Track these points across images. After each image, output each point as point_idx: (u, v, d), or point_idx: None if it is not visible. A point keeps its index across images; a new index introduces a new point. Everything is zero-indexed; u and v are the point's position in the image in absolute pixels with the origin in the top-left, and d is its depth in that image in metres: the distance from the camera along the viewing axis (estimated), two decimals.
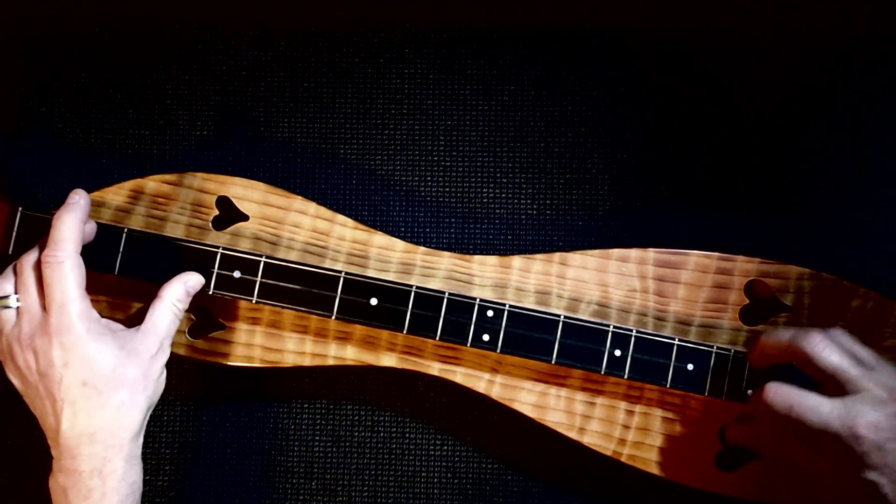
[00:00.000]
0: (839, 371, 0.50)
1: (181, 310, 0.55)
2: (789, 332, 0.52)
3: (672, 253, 0.60)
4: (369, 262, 0.60)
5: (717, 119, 0.65)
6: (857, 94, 0.65)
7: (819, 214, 0.65)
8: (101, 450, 0.50)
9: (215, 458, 0.65)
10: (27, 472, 0.65)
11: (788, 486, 0.58)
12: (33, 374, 0.51)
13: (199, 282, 0.56)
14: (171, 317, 0.54)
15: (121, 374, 0.51)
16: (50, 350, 0.50)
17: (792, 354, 0.52)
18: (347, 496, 0.65)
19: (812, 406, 0.49)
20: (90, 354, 0.50)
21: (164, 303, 0.54)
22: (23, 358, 0.51)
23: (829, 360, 0.50)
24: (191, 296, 0.56)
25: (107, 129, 0.66)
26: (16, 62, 0.66)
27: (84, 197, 0.54)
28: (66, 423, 0.50)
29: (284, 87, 0.66)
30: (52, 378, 0.50)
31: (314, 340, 0.60)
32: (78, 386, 0.50)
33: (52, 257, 0.51)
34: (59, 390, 0.50)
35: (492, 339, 0.57)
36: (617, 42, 0.66)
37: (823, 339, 0.50)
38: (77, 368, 0.50)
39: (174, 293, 0.54)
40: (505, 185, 0.66)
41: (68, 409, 0.50)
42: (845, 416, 0.48)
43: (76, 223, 0.53)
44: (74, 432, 0.50)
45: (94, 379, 0.50)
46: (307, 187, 0.66)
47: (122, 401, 0.51)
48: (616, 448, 0.60)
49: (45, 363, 0.50)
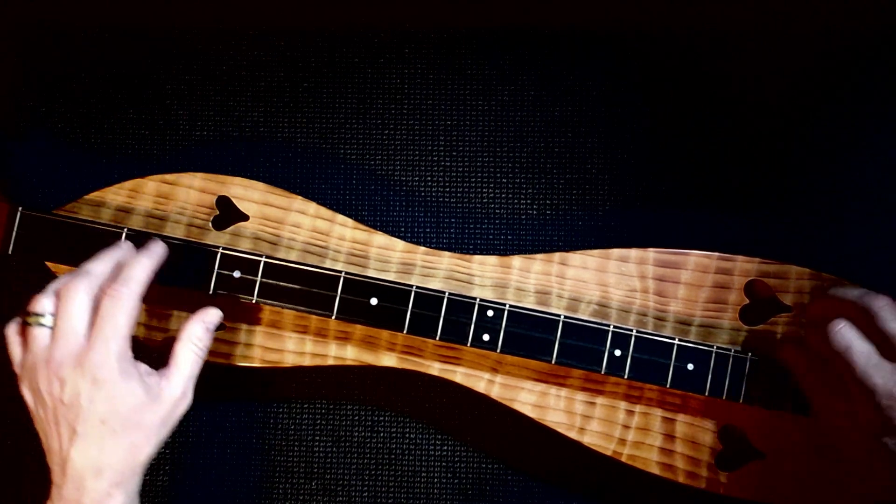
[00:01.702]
0: None
1: (202, 349, 0.54)
2: (860, 290, 0.53)
3: (672, 253, 0.60)
4: (369, 262, 0.60)
5: (717, 119, 0.65)
6: (858, 94, 0.65)
7: (819, 214, 0.65)
8: (106, 486, 0.49)
9: (215, 458, 0.65)
10: (27, 472, 0.65)
11: (788, 486, 0.58)
12: (54, 400, 0.50)
13: (217, 317, 0.55)
14: (193, 357, 0.54)
15: (140, 418, 0.50)
16: (79, 382, 0.49)
17: (856, 310, 0.53)
18: (347, 496, 0.65)
19: (866, 353, 0.51)
20: (116, 395, 0.50)
21: (184, 344, 0.54)
22: (47, 382, 0.50)
23: (891, 325, 0.51)
24: (211, 332, 0.55)
25: (107, 129, 0.66)
26: (16, 62, 0.66)
27: (165, 249, 0.55)
28: (76, 453, 0.49)
29: (284, 87, 0.66)
30: (72, 409, 0.49)
31: (314, 340, 0.60)
32: (96, 422, 0.49)
33: (119, 292, 0.51)
34: (77, 422, 0.49)
35: (492, 339, 0.57)
36: (617, 42, 0.66)
37: (891, 303, 0.52)
38: (100, 405, 0.49)
39: (194, 332, 0.54)
40: (505, 185, 0.66)
41: (81, 441, 0.49)
42: (889, 376, 0.50)
43: (150, 269, 0.53)
44: (82, 464, 0.49)
45: (113, 419, 0.50)
46: (307, 187, 0.66)
47: (135, 443, 0.50)
48: (616, 448, 0.60)
49: (71, 394, 0.49)
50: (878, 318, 0.51)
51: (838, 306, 0.54)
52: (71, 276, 0.52)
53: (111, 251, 0.54)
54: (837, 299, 0.54)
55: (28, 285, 0.65)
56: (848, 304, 0.53)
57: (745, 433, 0.59)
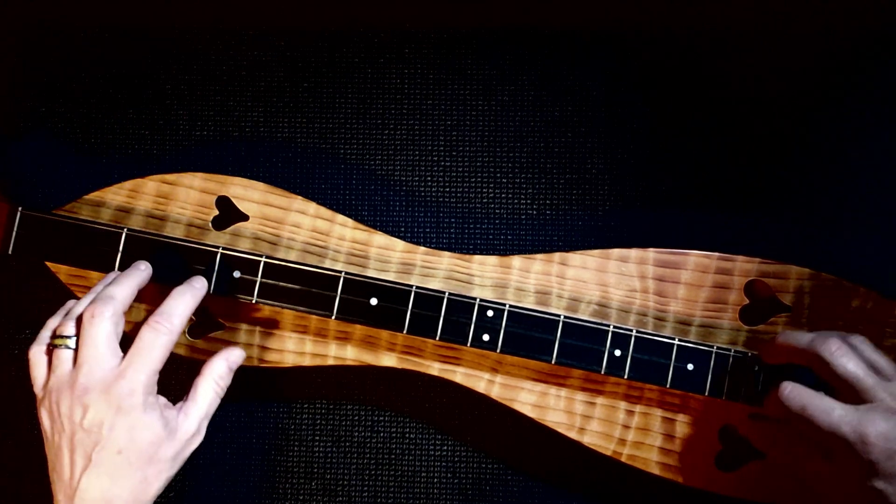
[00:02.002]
0: (855, 379, 0.50)
1: (223, 387, 0.54)
2: (809, 335, 0.52)
3: (672, 253, 0.60)
4: (369, 262, 0.60)
5: (717, 119, 0.65)
6: (858, 93, 0.65)
7: (819, 214, 0.65)
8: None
9: (215, 458, 0.65)
10: (27, 471, 0.65)
11: (788, 486, 0.58)
12: (73, 425, 0.50)
13: (240, 356, 0.55)
14: (212, 395, 0.54)
15: (155, 452, 0.50)
16: (103, 411, 0.49)
17: (809, 357, 0.52)
18: (347, 496, 0.65)
19: (825, 409, 0.49)
20: (136, 427, 0.50)
21: (206, 381, 0.54)
22: (68, 406, 0.50)
23: (846, 368, 0.50)
24: (233, 371, 0.55)
25: (107, 129, 0.66)
26: (16, 62, 0.66)
27: (205, 285, 0.56)
28: (86, 482, 0.49)
29: (284, 87, 0.66)
30: (91, 436, 0.49)
31: (314, 340, 0.60)
32: (113, 452, 0.49)
33: (161, 326, 0.51)
34: (94, 450, 0.49)
35: (492, 339, 0.57)
36: (616, 42, 0.66)
37: (841, 345, 0.50)
38: (119, 436, 0.49)
39: (216, 370, 0.54)
40: (505, 185, 0.66)
41: (94, 470, 0.49)
42: (856, 423, 0.48)
43: (191, 306, 0.53)
44: (92, 495, 0.49)
45: (129, 451, 0.49)
46: (307, 187, 0.66)
47: (147, 477, 0.50)
48: (616, 448, 0.60)
49: (92, 422, 0.49)
50: (831, 364, 0.50)
51: (793, 351, 0.53)
52: (96, 300, 0.52)
53: (133, 275, 0.54)
54: (789, 346, 0.53)
55: (28, 285, 0.65)
56: (801, 349, 0.52)
57: (744, 433, 0.59)
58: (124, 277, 0.54)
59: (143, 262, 0.56)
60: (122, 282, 0.53)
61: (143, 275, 0.55)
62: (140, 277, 0.55)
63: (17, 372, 0.66)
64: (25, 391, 0.65)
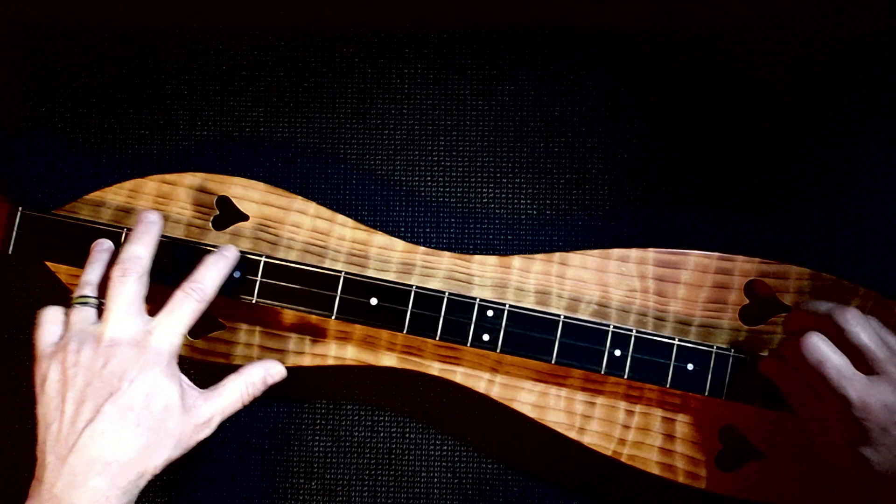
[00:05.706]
0: (867, 349, 0.51)
1: (251, 395, 0.53)
2: (828, 304, 0.53)
3: (672, 253, 0.60)
4: (369, 261, 0.60)
5: (716, 119, 0.66)
6: (857, 93, 0.65)
7: (819, 214, 0.65)
8: (106, 486, 0.47)
9: (215, 458, 0.65)
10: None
11: (788, 486, 0.58)
12: (89, 374, 0.48)
13: (280, 375, 0.55)
14: (237, 395, 0.53)
15: (164, 420, 0.49)
16: (128, 362, 0.49)
17: (826, 325, 0.53)
18: (347, 496, 0.65)
19: (839, 367, 0.51)
20: (155, 388, 0.49)
21: (238, 380, 0.53)
22: (89, 357, 0.49)
23: (860, 338, 0.51)
24: (267, 385, 0.54)
25: (107, 129, 0.67)
26: (16, 62, 0.66)
27: (237, 254, 0.55)
28: (87, 437, 0.47)
29: (284, 87, 0.66)
30: (108, 386, 0.48)
31: (314, 340, 0.60)
32: (124, 407, 0.48)
33: (194, 292, 0.52)
34: (106, 401, 0.48)
35: (492, 339, 0.57)
36: (617, 42, 0.66)
37: (858, 316, 0.52)
38: (136, 391, 0.48)
39: (253, 375, 0.53)
40: (505, 185, 0.66)
41: (99, 424, 0.47)
42: (862, 389, 0.50)
43: (224, 274, 0.54)
44: (90, 452, 0.47)
45: (140, 411, 0.48)
46: (307, 187, 0.66)
47: (150, 444, 0.49)
48: (616, 448, 0.60)
49: (113, 371, 0.48)
50: (847, 333, 0.51)
51: (813, 320, 0.54)
52: (123, 259, 0.52)
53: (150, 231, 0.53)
54: (811, 313, 0.54)
55: (28, 285, 0.65)
56: (821, 317, 0.53)
57: (744, 433, 0.59)
58: (143, 235, 0.53)
59: (152, 212, 0.55)
60: (143, 239, 0.53)
61: (157, 227, 0.54)
62: (156, 230, 0.54)
63: (18, 372, 0.66)
64: (25, 391, 0.65)
